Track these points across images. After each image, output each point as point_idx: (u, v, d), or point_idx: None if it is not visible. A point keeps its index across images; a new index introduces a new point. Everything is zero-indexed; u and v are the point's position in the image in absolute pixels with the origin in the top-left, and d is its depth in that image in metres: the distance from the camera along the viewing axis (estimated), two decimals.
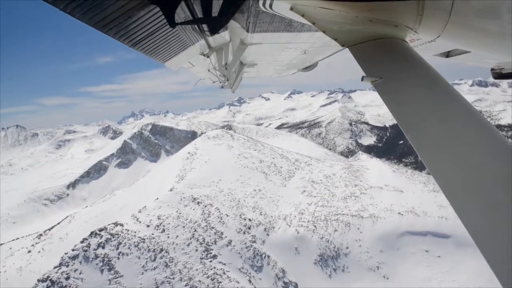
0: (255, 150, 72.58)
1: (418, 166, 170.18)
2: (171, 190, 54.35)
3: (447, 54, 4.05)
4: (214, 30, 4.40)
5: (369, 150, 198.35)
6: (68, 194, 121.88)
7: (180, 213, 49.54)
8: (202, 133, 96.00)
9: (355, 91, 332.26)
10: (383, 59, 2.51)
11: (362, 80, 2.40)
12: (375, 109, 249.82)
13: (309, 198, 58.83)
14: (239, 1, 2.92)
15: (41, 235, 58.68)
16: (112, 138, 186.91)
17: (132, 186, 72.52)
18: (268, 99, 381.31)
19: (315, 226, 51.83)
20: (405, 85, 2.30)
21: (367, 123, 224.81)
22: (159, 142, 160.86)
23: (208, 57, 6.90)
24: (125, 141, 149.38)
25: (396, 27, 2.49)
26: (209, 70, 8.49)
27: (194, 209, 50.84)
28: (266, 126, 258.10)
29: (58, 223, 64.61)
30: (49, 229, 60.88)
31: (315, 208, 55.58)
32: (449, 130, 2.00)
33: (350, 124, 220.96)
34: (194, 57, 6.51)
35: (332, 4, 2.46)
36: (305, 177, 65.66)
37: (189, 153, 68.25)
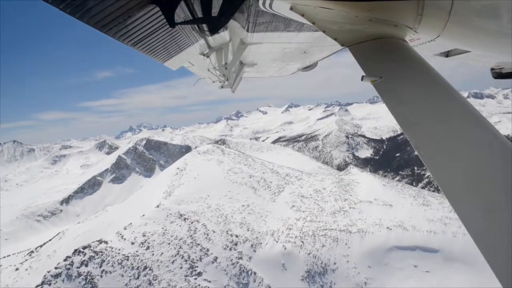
0: (245, 165, 72.53)
1: (415, 179, 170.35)
2: (157, 206, 54.16)
3: (447, 54, 4.06)
4: (214, 30, 4.44)
5: (366, 163, 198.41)
6: (61, 210, 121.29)
7: (165, 230, 49.25)
8: (196, 148, 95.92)
9: (352, 104, 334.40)
10: (383, 58, 2.52)
11: (362, 79, 2.40)
12: (371, 122, 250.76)
13: (298, 213, 58.51)
14: (239, 1, 2.94)
15: (32, 252, 58.41)
16: (108, 153, 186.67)
17: (123, 202, 72.21)
18: (266, 112, 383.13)
19: (302, 241, 51.44)
20: (405, 85, 2.31)
21: (363, 136, 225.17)
22: (153, 157, 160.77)
23: (208, 57, 6.91)
24: (119, 156, 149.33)
25: (396, 27, 2.52)
26: (208, 70, 8.51)
27: (180, 226, 50.55)
28: (263, 140, 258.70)
29: (50, 240, 64.38)
30: (40, 246, 60.67)
31: (303, 223, 55.23)
32: (449, 130, 2.00)
33: (347, 137, 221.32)
34: (194, 56, 6.54)
35: (332, 4, 2.48)
36: (295, 192, 65.44)
37: (178, 168, 68.18)
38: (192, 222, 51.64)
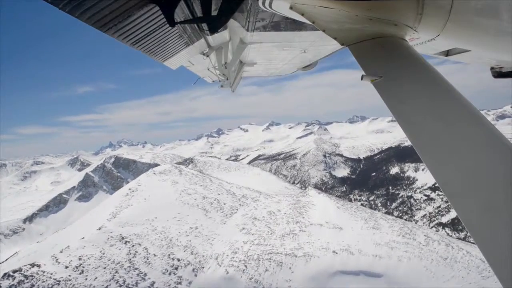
0: (201, 186, 71.90)
1: (389, 198, 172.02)
2: (99, 228, 52.98)
3: (447, 53, 4.06)
4: (213, 29, 4.42)
5: (343, 182, 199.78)
6: (24, 229, 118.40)
7: (103, 253, 48.09)
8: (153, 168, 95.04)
9: (331, 123, 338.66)
10: (382, 58, 2.50)
11: (362, 79, 2.37)
12: (350, 141, 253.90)
13: (247, 236, 57.92)
14: (239, 0, 2.91)
15: None
16: (80, 169, 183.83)
17: (74, 222, 70.74)
18: (247, 130, 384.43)
19: (245, 266, 50.76)
20: (405, 84, 2.29)
21: (341, 155, 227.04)
22: (121, 175, 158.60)
23: (207, 56, 6.94)
24: (87, 173, 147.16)
25: (396, 26, 2.50)
26: (208, 69, 8.55)
27: (119, 249, 49.45)
28: (243, 158, 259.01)
29: (6, 260, 62.64)
30: None
31: (250, 247, 54.62)
32: (449, 129, 1.99)
33: (324, 156, 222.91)
34: (193, 56, 6.59)
35: (332, 3, 2.47)
36: (248, 214, 64.94)
37: (130, 189, 67.21)
38: (133, 245, 50.58)
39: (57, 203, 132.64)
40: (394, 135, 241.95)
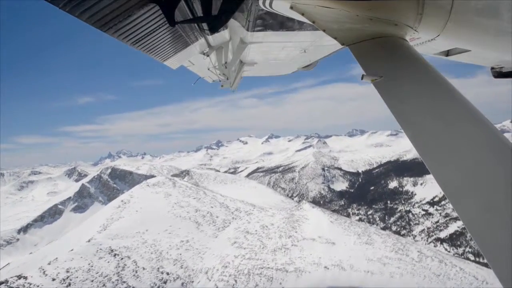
0: (194, 198, 71.54)
1: (387, 213, 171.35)
2: (88, 241, 52.59)
3: (447, 53, 4.06)
4: (213, 29, 4.40)
5: (341, 195, 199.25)
6: (18, 239, 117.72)
7: (92, 266, 47.62)
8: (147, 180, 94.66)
9: (331, 136, 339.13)
10: (383, 57, 2.50)
11: (362, 79, 2.37)
12: (349, 154, 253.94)
13: (238, 250, 57.43)
14: (239, 0, 2.92)
15: None
16: (77, 180, 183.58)
17: (65, 235, 70.28)
18: (246, 142, 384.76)
19: (235, 280, 50.21)
20: (405, 84, 2.30)
21: (340, 169, 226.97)
22: (117, 186, 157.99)
23: (208, 56, 6.97)
24: (83, 184, 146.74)
25: (396, 26, 2.50)
26: (208, 69, 8.55)
27: (108, 262, 48.98)
28: (242, 170, 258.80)
29: None
30: None
31: (241, 261, 54.10)
32: (449, 129, 1.99)
33: (323, 169, 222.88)
34: (194, 56, 6.60)
35: (333, 3, 2.49)
36: (240, 228, 64.50)
37: (122, 201, 66.86)
38: (122, 258, 50.10)
39: (52, 213, 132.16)
40: (393, 149, 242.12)
